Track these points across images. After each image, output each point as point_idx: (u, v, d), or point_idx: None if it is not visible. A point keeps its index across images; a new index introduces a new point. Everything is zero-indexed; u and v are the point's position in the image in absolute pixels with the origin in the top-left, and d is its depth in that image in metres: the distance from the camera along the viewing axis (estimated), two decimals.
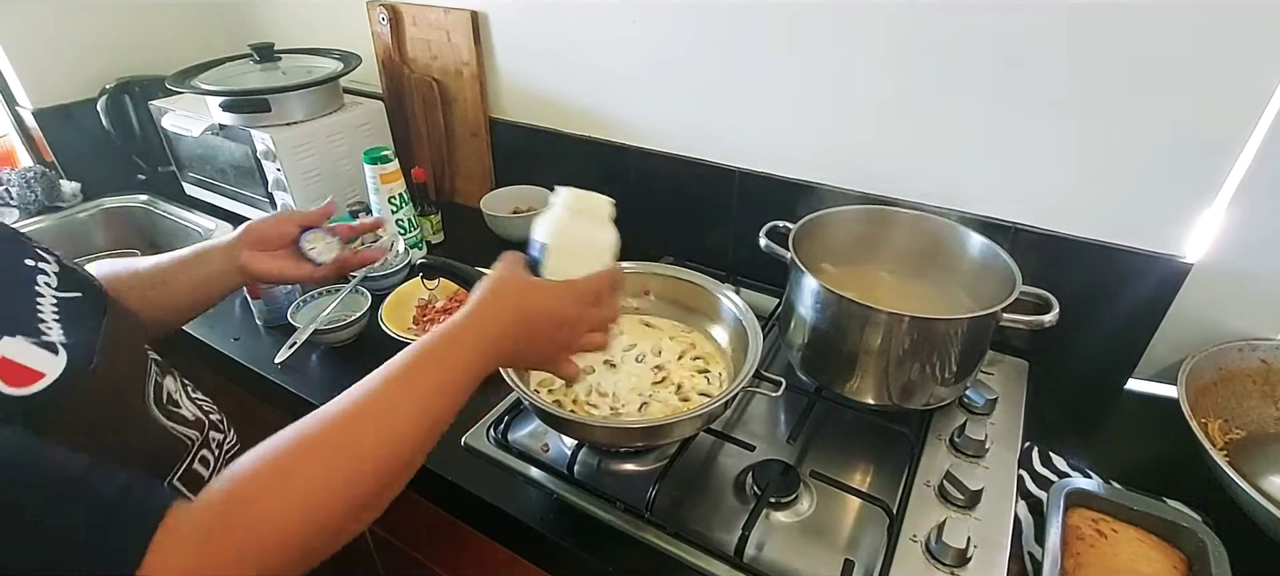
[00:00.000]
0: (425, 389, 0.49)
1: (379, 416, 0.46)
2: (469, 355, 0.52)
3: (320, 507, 0.41)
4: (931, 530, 0.67)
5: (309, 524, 0.40)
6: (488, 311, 0.55)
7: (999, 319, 0.72)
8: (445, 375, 0.50)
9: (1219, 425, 0.79)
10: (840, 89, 0.93)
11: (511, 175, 1.31)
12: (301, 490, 0.41)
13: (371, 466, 0.44)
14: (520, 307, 0.56)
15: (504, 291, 0.57)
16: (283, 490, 0.40)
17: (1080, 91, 0.78)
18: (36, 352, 0.43)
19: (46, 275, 0.49)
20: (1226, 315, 0.82)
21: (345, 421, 0.45)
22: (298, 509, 0.40)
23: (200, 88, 1.13)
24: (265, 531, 0.38)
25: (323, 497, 0.41)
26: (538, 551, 0.74)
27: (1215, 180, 0.76)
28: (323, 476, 0.42)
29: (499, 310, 0.55)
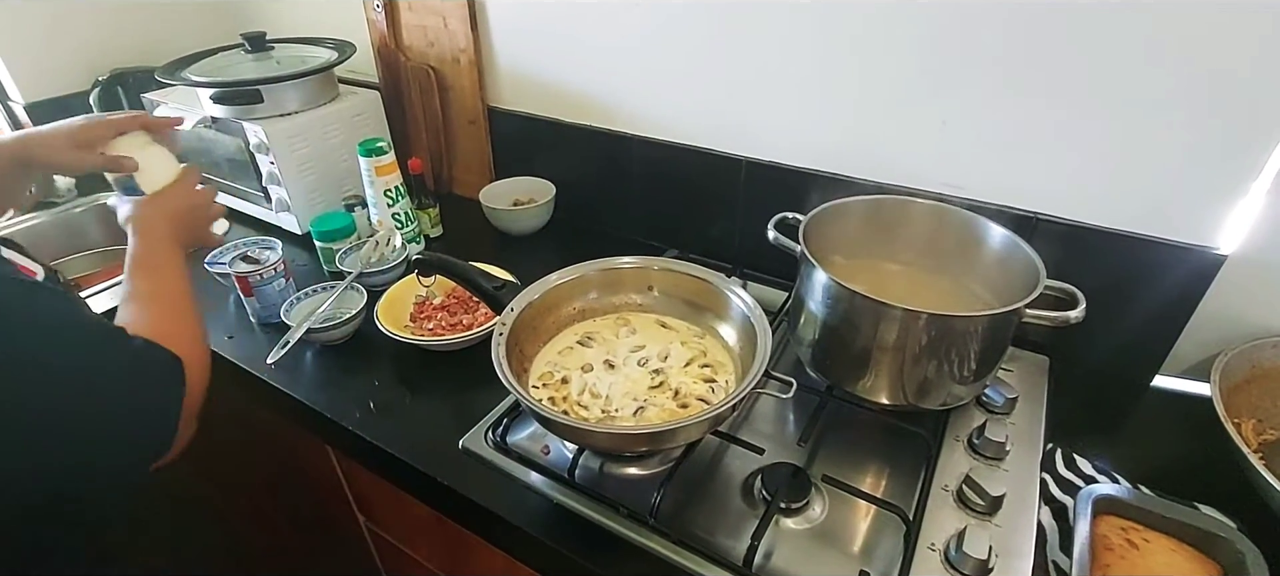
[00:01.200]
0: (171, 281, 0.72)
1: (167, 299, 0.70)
2: (168, 251, 0.74)
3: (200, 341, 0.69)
4: (950, 538, 0.64)
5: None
6: (151, 227, 0.76)
7: (1022, 315, 0.68)
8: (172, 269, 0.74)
9: (1253, 425, 0.75)
10: (852, 73, 0.89)
11: (511, 165, 1.28)
12: (192, 334, 0.68)
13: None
14: (160, 211, 0.78)
15: (146, 213, 0.77)
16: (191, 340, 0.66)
17: (1107, 72, 0.74)
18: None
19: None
20: (1261, 309, 0.78)
21: (161, 307, 0.68)
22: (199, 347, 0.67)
23: (190, 79, 1.10)
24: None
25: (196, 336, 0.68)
26: (538, 558, 0.72)
27: (1254, 166, 0.72)
28: (187, 328, 0.68)
29: (155, 221, 0.77)
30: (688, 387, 0.72)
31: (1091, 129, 0.78)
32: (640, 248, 1.16)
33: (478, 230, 1.23)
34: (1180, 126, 0.73)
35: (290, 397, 0.87)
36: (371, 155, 1.07)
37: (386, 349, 0.93)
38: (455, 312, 0.96)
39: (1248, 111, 0.70)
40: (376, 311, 0.92)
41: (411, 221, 1.15)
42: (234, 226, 1.28)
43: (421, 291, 0.99)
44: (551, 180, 1.23)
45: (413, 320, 0.96)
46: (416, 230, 1.17)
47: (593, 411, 0.70)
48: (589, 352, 0.78)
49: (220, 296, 1.07)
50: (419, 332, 0.93)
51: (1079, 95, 0.77)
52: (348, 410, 0.83)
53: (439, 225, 1.23)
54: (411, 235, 1.15)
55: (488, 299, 0.77)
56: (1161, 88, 0.72)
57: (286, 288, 0.98)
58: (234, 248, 1.02)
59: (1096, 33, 0.73)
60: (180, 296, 0.71)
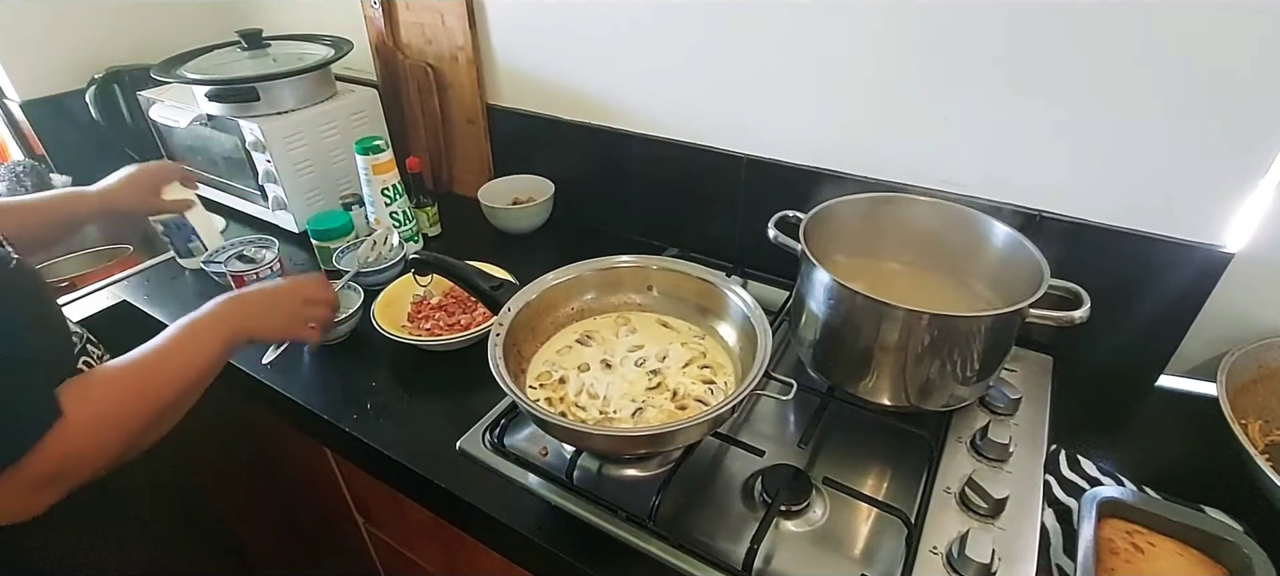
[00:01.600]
0: (191, 354, 0.68)
1: (167, 365, 0.66)
2: (219, 329, 0.71)
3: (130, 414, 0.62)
4: (953, 541, 0.63)
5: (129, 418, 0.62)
6: (221, 306, 0.74)
7: (1025, 315, 0.67)
8: (205, 346, 0.69)
9: (1259, 426, 0.75)
10: (854, 70, 0.88)
11: (510, 164, 1.27)
12: (119, 417, 0.61)
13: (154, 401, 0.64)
14: (243, 292, 0.79)
15: (232, 297, 0.77)
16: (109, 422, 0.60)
17: (1110, 69, 0.73)
18: None
19: None
20: (1268, 308, 0.77)
21: (126, 372, 0.63)
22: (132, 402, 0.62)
23: (186, 77, 1.09)
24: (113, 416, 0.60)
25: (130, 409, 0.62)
26: (536, 562, 0.71)
27: (1261, 163, 0.70)
28: (122, 408, 0.61)
29: (229, 300, 0.76)
30: (686, 389, 0.71)
31: (1095, 126, 0.77)
32: (640, 246, 1.15)
33: (476, 229, 1.22)
34: (1185, 123, 0.72)
35: (286, 398, 0.86)
36: (369, 153, 1.06)
37: (384, 349, 0.92)
38: (453, 312, 0.95)
39: (1254, 108, 0.69)
40: (373, 311, 0.91)
41: (409, 220, 1.14)
42: (231, 225, 1.27)
43: (419, 291, 0.98)
44: (551, 179, 1.22)
45: (410, 320, 0.95)
46: (414, 229, 1.16)
47: (590, 412, 0.70)
48: (587, 352, 0.77)
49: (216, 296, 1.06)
50: (416, 332, 0.92)
51: (1082, 92, 0.75)
52: (344, 411, 0.83)
53: (437, 224, 1.22)
54: (409, 234, 1.14)
55: (485, 299, 0.76)
56: (1166, 84, 0.71)
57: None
58: (230, 246, 1.01)
59: (1099, 30, 0.72)
60: (161, 379, 0.64)
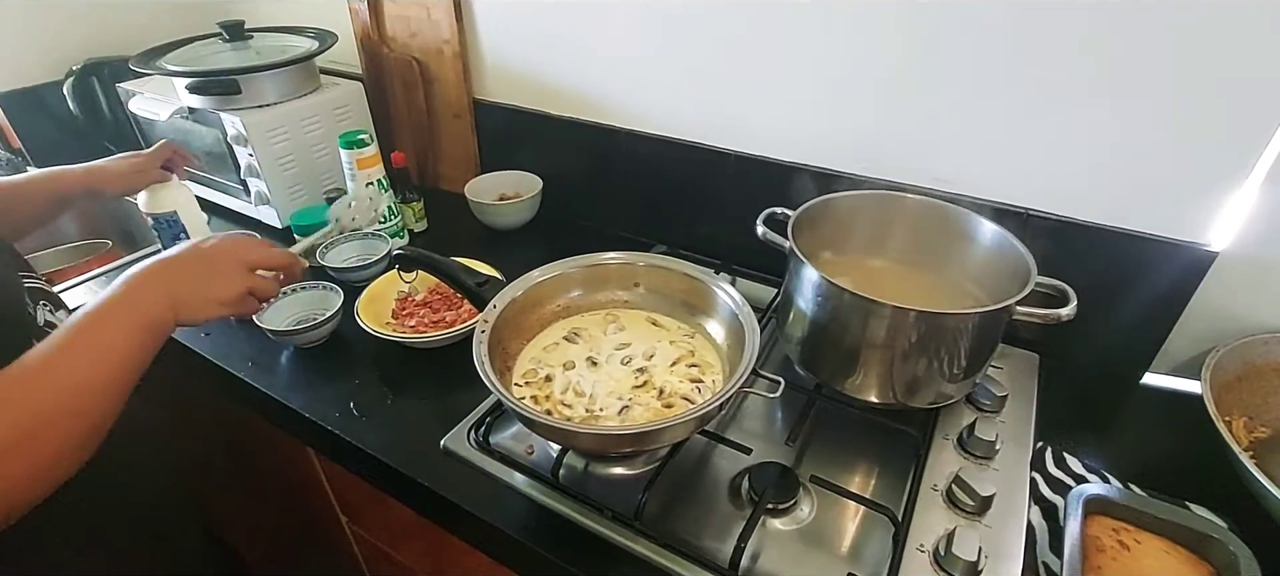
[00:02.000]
0: (94, 355, 0.53)
1: (55, 377, 0.51)
2: (135, 316, 0.57)
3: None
4: (940, 539, 0.63)
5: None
6: (133, 278, 0.60)
7: (1012, 313, 0.67)
8: (113, 342, 0.55)
9: (1243, 423, 0.75)
10: (841, 67, 0.87)
11: (497, 159, 1.26)
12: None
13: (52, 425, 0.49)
14: (161, 259, 0.63)
15: (146, 264, 0.62)
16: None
17: (1097, 68, 0.73)
18: None
19: None
20: (1252, 306, 0.77)
21: (18, 382, 0.49)
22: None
23: (166, 69, 1.07)
24: None
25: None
26: (521, 561, 0.70)
27: (1246, 162, 0.71)
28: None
29: (143, 272, 0.61)
30: (673, 387, 0.71)
31: (1082, 124, 0.77)
32: (627, 243, 1.13)
33: (463, 225, 1.21)
34: (1171, 123, 0.72)
35: (267, 396, 0.84)
36: (353, 147, 1.05)
37: (367, 347, 0.90)
38: (438, 309, 0.94)
39: (1238, 108, 0.69)
40: (357, 308, 0.90)
41: (395, 216, 1.13)
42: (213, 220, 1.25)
43: (403, 287, 0.96)
44: (538, 174, 1.21)
45: (394, 317, 0.94)
46: (400, 224, 1.14)
47: (576, 410, 0.69)
48: (573, 349, 0.76)
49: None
50: (400, 330, 0.91)
51: (1069, 91, 0.75)
52: (328, 410, 0.81)
53: (423, 220, 1.21)
54: (395, 229, 1.13)
55: (470, 295, 0.75)
56: (1152, 85, 0.71)
57: None
58: None
59: (1085, 29, 0.72)
60: (44, 397, 0.49)
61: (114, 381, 0.53)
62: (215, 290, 0.64)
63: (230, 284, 0.66)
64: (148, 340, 0.57)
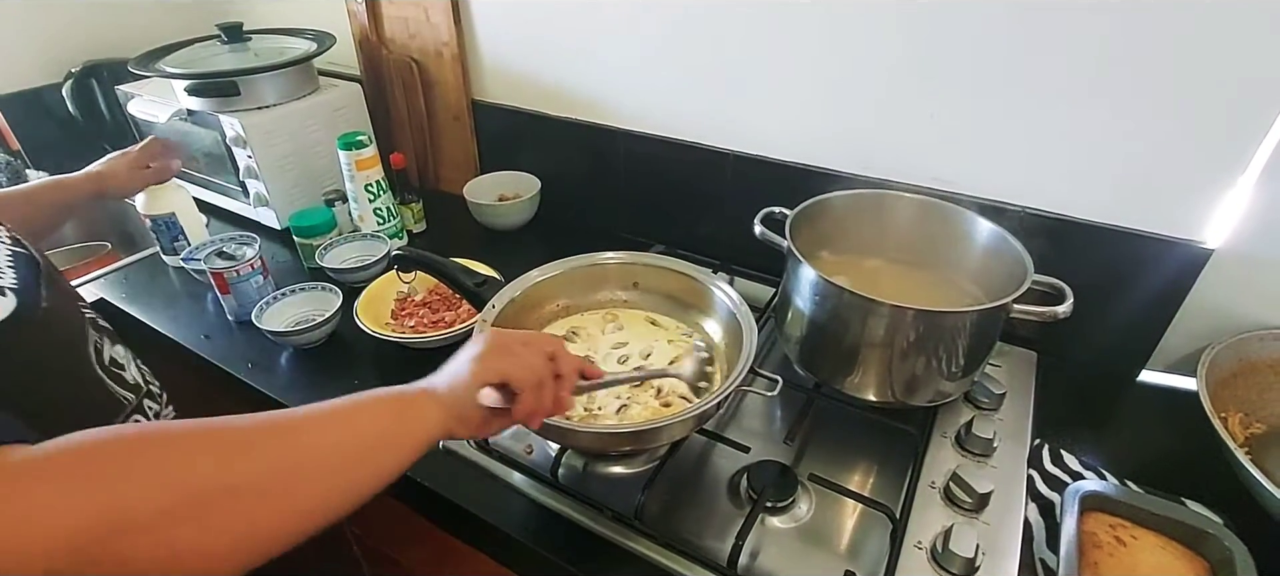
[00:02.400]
0: (352, 430, 0.45)
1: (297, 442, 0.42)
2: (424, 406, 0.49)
3: (140, 527, 0.34)
4: (937, 536, 0.63)
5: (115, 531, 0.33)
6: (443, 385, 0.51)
7: (1009, 310, 0.67)
8: (375, 417, 0.47)
9: (1239, 419, 0.75)
10: (839, 66, 0.88)
11: (496, 160, 1.26)
12: (134, 495, 0.34)
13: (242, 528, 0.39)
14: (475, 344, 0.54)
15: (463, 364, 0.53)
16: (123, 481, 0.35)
17: (1094, 68, 0.73)
18: None
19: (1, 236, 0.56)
20: (1247, 303, 0.78)
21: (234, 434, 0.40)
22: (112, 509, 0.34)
23: (165, 71, 1.07)
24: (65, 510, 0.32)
25: (149, 517, 0.34)
26: (521, 560, 0.70)
27: (1241, 160, 0.71)
28: (162, 495, 0.35)
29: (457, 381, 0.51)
30: (671, 386, 0.71)
31: (1078, 124, 0.77)
32: (626, 243, 1.13)
33: (462, 226, 1.21)
34: (1166, 121, 0.73)
35: (267, 397, 0.85)
36: (352, 149, 1.05)
37: (367, 347, 0.91)
38: (437, 310, 0.94)
39: (1233, 106, 0.69)
40: (356, 308, 0.90)
41: (394, 217, 1.13)
42: (212, 221, 1.25)
43: (402, 288, 0.97)
44: (536, 175, 1.21)
45: (393, 317, 0.94)
46: (399, 226, 1.15)
47: (575, 409, 0.69)
48: (572, 348, 0.76)
49: (199, 296, 1.04)
50: (400, 330, 0.91)
51: (1065, 91, 0.76)
52: None
53: (422, 221, 1.21)
54: (394, 230, 1.13)
55: (469, 295, 0.76)
56: (1147, 83, 0.72)
57: (264, 285, 0.96)
58: (211, 243, 1.00)
59: (1081, 30, 0.72)
60: (280, 463, 0.41)
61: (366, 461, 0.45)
62: (525, 371, 0.52)
63: (537, 375, 0.53)
64: (420, 437, 0.48)
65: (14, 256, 0.55)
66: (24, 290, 0.52)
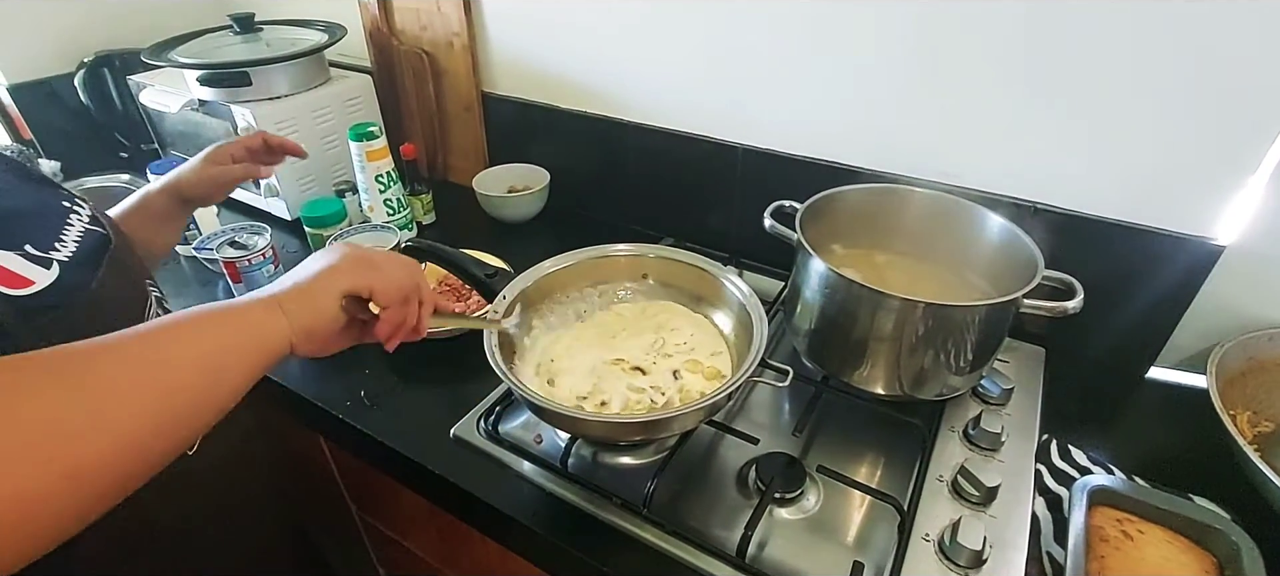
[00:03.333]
0: (191, 347, 0.42)
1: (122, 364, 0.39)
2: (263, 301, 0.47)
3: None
4: (945, 529, 0.63)
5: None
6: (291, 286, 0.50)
7: (1019, 305, 0.67)
8: (218, 331, 0.44)
9: (1248, 417, 0.75)
10: (850, 61, 0.88)
11: (506, 152, 1.26)
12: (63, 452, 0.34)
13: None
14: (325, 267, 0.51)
15: (313, 263, 0.52)
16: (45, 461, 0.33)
17: (1105, 62, 0.73)
18: (29, 266, 0.49)
19: (81, 216, 0.56)
20: (1258, 301, 0.78)
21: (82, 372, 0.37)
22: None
23: (177, 61, 1.08)
24: None
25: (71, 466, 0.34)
26: (531, 548, 0.71)
27: (1254, 157, 0.71)
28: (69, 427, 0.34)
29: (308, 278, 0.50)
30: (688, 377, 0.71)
31: (1090, 119, 0.77)
32: (635, 235, 1.14)
33: (471, 217, 1.22)
34: (1179, 117, 0.72)
35: (278, 385, 0.85)
36: (363, 140, 1.06)
37: None
38: (447, 300, 0.95)
39: (1247, 103, 0.69)
40: None
41: (404, 208, 1.13)
42: (223, 211, 1.26)
43: None
44: (546, 167, 1.22)
45: None
46: (409, 216, 1.15)
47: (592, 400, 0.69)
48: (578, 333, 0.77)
49: (210, 283, 1.05)
50: None
51: (1077, 84, 0.76)
52: (338, 399, 0.82)
53: (432, 212, 1.22)
54: (403, 222, 1.14)
55: (480, 287, 0.76)
56: (1160, 78, 0.71)
57: (276, 274, 0.97)
58: (222, 233, 1.01)
59: (1094, 22, 0.72)
60: (144, 381, 0.38)
61: (198, 387, 0.42)
62: (392, 280, 0.52)
63: (402, 288, 0.53)
64: (265, 349, 0.46)
65: (83, 234, 0.55)
66: (74, 266, 0.52)
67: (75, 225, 0.56)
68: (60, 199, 0.58)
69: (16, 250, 0.49)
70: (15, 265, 0.48)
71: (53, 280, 0.50)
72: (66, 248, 0.53)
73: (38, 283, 0.49)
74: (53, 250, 0.52)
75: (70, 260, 0.52)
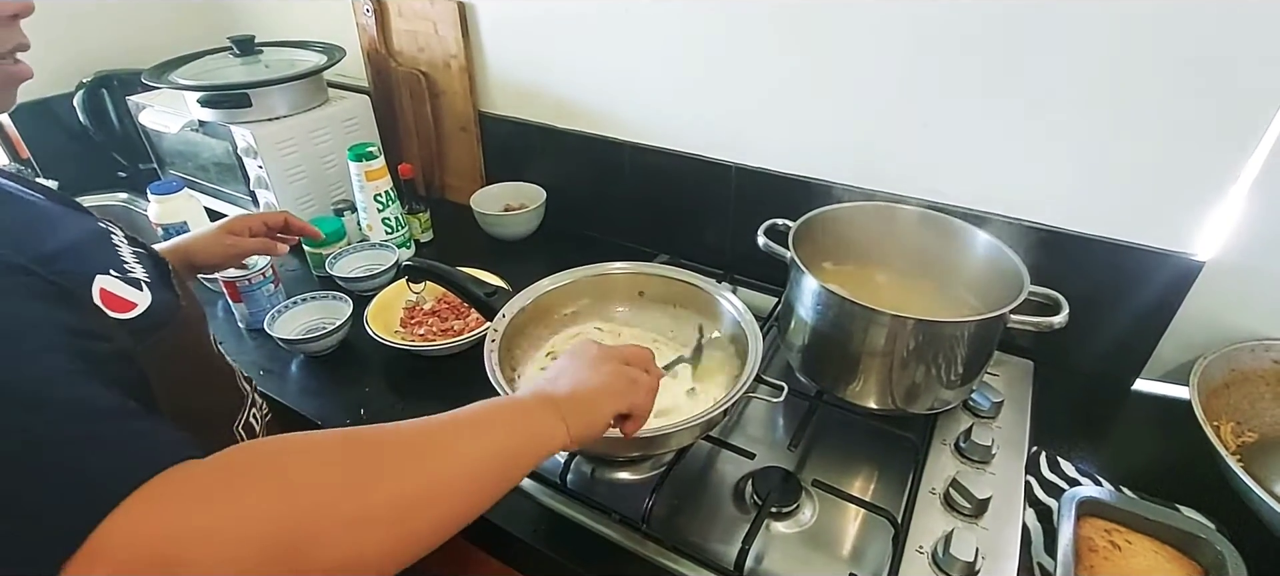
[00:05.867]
0: (489, 444, 0.45)
1: (427, 457, 0.42)
2: (536, 409, 0.50)
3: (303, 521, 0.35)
4: (938, 541, 0.64)
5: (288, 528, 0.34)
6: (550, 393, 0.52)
7: (1007, 321, 0.69)
8: (510, 433, 0.47)
9: (1231, 428, 0.77)
10: (841, 82, 0.90)
11: (503, 171, 1.28)
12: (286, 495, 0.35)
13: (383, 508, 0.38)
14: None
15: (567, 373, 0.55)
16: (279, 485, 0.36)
17: (1088, 84, 0.76)
18: (126, 287, 0.49)
19: (116, 235, 0.55)
20: (1238, 314, 0.80)
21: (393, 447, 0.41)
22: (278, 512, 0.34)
23: (177, 83, 1.09)
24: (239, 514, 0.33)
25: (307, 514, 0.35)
26: (531, 564, 0.72)
27: (1231, 173, 0.73)
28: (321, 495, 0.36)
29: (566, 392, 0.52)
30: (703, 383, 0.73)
31: (1073, 139, 0.79)
32: (631, 253, 1.16)
33: (469, 235, 1.23)
34: (1158, 136, 0.75)
35: (278, 403, 0.86)
36: (362, 160, 1.07)
37: (376, 355, 0.92)
38: (446, 318, 0.96)
39: (1223, 120, 0.71)
40: (367, 317, 0.92)
41: (402, 226, 1.15)
42: None
43: (412, 297, 0.98)
44: (542, 186, 1.23)
45: (403, 325, 0.96)
46: (407, 235, 1.17)
47: None
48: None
49: (208, 302, 1.06)
50: (410, 338, 0.93)
51: (1061, 107, 0.78)
52: (338, 417, 0.83)
53: (429, 230, 1.23)
54: (402, 240, 1.15)
55: (479, 306, 0.77)
56: (1140, 98, 0.74)
57: (275, 294, 0.98)
58: None
59: (1077, 46, 0.74)
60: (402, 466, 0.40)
61: (470, 486, 0.44)
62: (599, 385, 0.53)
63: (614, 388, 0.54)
64: (532, 445, 0.48)
65: (138, 255, 0.55)
66: (157, 285, 0.52)
67: (121, 246, 0.55)
68: (93, 220, 0.57)
69: (110, 272, 0.49)
70: (117, 288, 0.48)
71: (149, 302, 0.50)
72: (136, 268, 0.52)
73: (139, 304, 0.49)
74: (129, 271, 0.52)
75: (150, 280, 0.52)
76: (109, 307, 0.47)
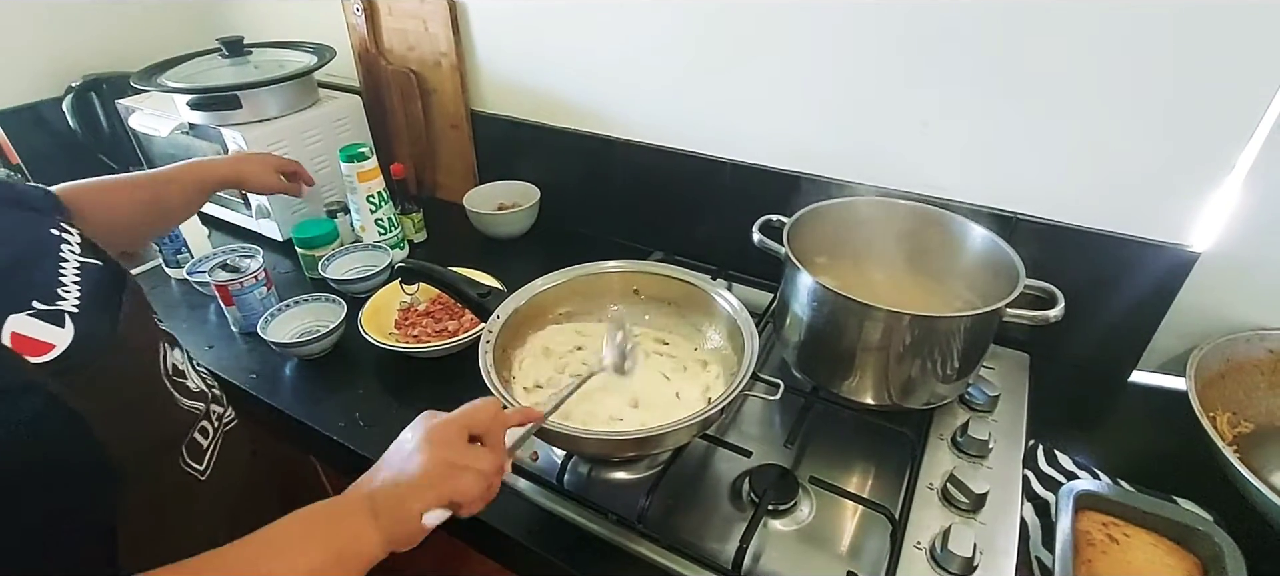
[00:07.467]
0: (300, 565, 0.46)
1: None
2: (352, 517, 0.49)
3: None
4: (936, 536, 0.64)
5: None
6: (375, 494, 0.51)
7: (1002, 314, 0.69)
8: (324, 546, 0.48)
9: (1228, 418, 0.77)
10: (835, 76, 0.90)
11: (495, 170, 1.27)
12: None
13: None
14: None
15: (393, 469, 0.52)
16: None
17: (1082, 76, 0.75)
18: (43, 327, 0.46)
19: (70, 243, 0.53)
20: (1234, 304, 0.80)
21: None
22: None
23: (167, 85, 1.08)
24: None
25: None
26: (528, 565, 0.71)
27: (1225, 165, 0.73)
28: None
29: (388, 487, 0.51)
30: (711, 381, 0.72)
31: (1068, 129, 0.79)
32: (625, 250, 1.15)
33: (462, 235, 1.23)
34: (1153, 127, 0.75)
35: (271, 407, 0.85)
36: (353, 161, 1.06)
37: (370, 357, 0.92)
38: (440, 319, 0.95)
39: (1217, 112, 0.71)
40: (361, 319, 0.91)
41: (395, 227, 1.14)
42: (214, 233, 1.26)
43: (406, 299, 0.98)
44: (536, 184, 1.23)
45: (397, 327, 0.95)
46: (400, 236, 1.16)
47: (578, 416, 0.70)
48: (576, 356, 0.77)
49: (201, 306, 1.05)
50: (404, 339, 0.92)
51: (1055, 96, 0.78)
52: (332, 420, 0.82)
53: (423, 230, 1.22)
54: (395, 241, 1.14)
55: (474, 307, 0.77)
56: (1134, 90, 0.74)
57: (268, 296, 0.97)
58: (214, 255, 1.01)
59: (1070, 40, 0.74)
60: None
61: None
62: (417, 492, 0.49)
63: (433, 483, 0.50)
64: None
65: (82, 270, 0.52)
66: (85, 316, 0.49)
67: (70, 260, 0.53)
68: (46, 226, 0.55)
69: (26, 311, 0.46)
70: (30, 329, 0.46)
71: (71, 340, 0.47)
72: (71, 294, 0.50)
73: (58, 344, 0.46)
74: (58, 300, 0.49)
75: (80, 310, 0.49)
76: (22, 352, 0.44)
